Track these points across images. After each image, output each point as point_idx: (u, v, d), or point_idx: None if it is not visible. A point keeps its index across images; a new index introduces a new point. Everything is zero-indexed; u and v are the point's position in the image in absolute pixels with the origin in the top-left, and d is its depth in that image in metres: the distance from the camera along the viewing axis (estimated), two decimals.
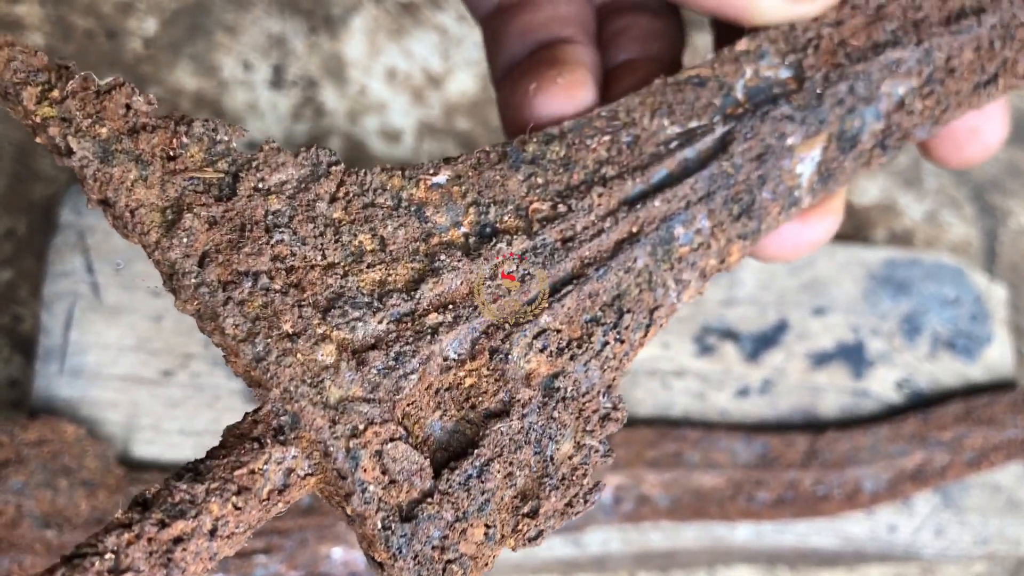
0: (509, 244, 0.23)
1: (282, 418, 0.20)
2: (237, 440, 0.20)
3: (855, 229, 0.55)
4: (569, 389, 0.23)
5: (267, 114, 0.50)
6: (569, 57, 0.27)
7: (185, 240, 0.21)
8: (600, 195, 0.24)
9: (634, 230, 0.24)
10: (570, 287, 0.23)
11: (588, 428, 0.23)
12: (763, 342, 0.45)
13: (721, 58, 0.26)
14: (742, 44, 0.27)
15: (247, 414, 0.20)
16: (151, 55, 0.49)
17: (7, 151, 0.47)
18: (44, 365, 0.38)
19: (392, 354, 0.21)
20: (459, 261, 0.22)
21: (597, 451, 0.22)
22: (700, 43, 0.50)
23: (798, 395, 0.45)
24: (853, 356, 0.46)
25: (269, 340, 0.20)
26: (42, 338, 0.38)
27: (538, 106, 0.26)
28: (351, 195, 0.23)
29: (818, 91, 0.26)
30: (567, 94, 0.26)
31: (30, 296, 0.44)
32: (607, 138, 0.25)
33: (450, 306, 0.22)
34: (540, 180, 0.24)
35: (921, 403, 0.46)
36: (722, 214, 0.25)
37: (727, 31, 0.29)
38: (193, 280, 0.21)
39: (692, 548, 0.42)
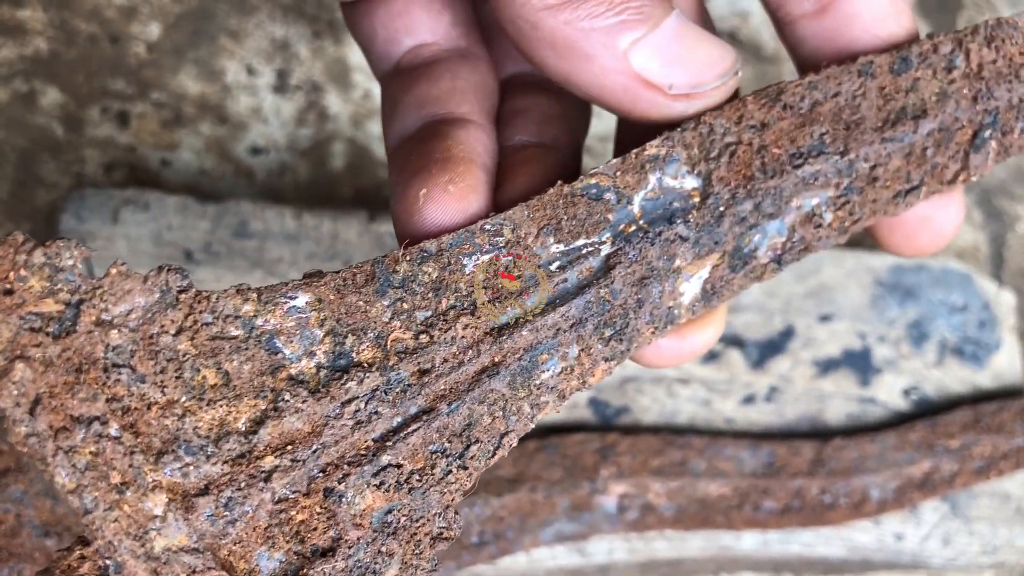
0: (360, 382, 0.22)
1: (107, 560, 0.20)
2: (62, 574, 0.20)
3: (862, 235, 0.54)
4: (403, 520, 0.22)
5: (271, 119, 0.50)
6: (462, 153, 0.26)
7: (15, 391, 0.20)
8: (466, 326, 0.23)
9: (496, 360, 0.23)
10: (418, 424, 0.22)
11: (418, 551, 0.22)
12: (769, 349, 0.45)
13: (626, 164, 0.24)
14: (652, 147, 0.24)
15: (75, 544, 0.20)
16: (154, 59, 0.49)
17: (10, 157, 0.47)
18: None
19: (223, 499, 0.21)
20: (303, 402, 0.22)
21: (424, 569, 0.22)
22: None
23: (804, 402, 0.44)
24: (860, 363, 0.46)
25: (97, 493, 0.20)
26: None
27: (428, 215, 0.24)
28: (199, 325, 0.21)
29: (720, 209, 0.25)
30: (458, 204, 0.25)
31: None
32: (486, 258, 0.24)
33: (289, 447, 0.21)
34: (406, 306, 0.23)
35: (929, 410, 0.46)
36: (591, 339, 0.24)
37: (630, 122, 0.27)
38: (23, 428, 0.20)
39: (698, 557, 0.42)
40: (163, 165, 0.48)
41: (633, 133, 0.28)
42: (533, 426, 0.24)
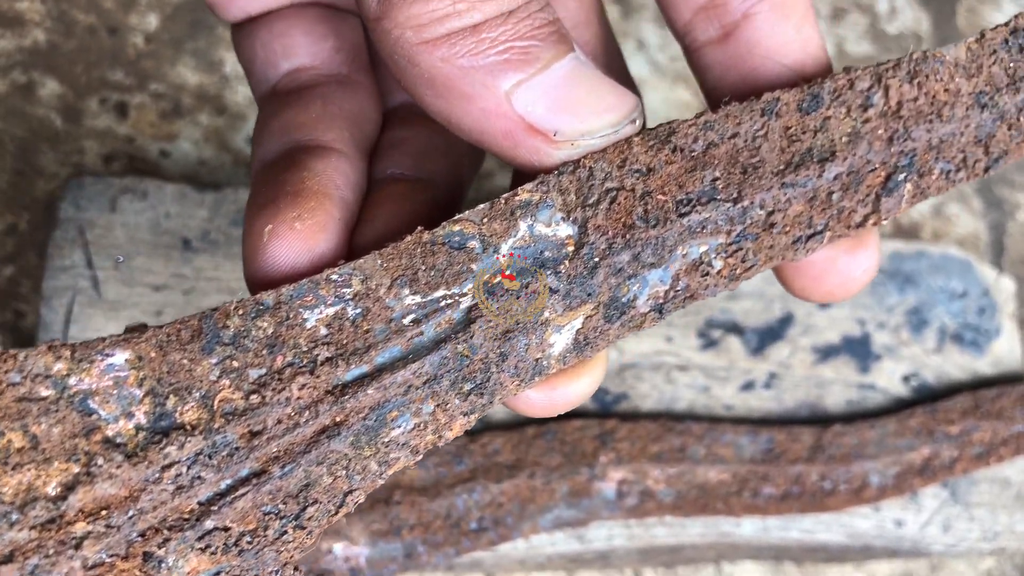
0: (181, 446, 0.21)
1: None
2: None
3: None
4: None
5: None
6: (315, 187, 0.24)
7: None
8: (303, 387, 0.21)
9: (338, 420, 0.22)
10: (247, 488, 0.21)
11: None
12: (768, 336, 0.45)
13: (494, 210, 0.23)
14: (525, 192, 0.23)
15: None
16: (153, 50, 0.49)
17: (9, 148, 0.47)
18: None
19: (28, 567, 0.20)
20: (118, 467, 0.20)
21: None
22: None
23: (804, 389, 0.44)
24: (859, 350, 0.45)
25: None
26: (42, 333, 0.38)
27: (272, 255, 0.23)
28: (4, 386, 0.20)
29: (595, 260, 0.23)
30: (304, 243, 0.23)
31: (32, 292, 0.44)
32: (331, 311, 0.22)
33: (103, 512, 0.20)
34: (237, 364, 0.21)
35: (928, 397, 0.45)
36: (448, 395, 0.23)
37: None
38: None
39: (697, 543, 0.42)
40: (162, 156, 0.48)
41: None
42: (383, 481, 0.23)
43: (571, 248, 0.23)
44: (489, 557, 0.40)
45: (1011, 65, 0.26)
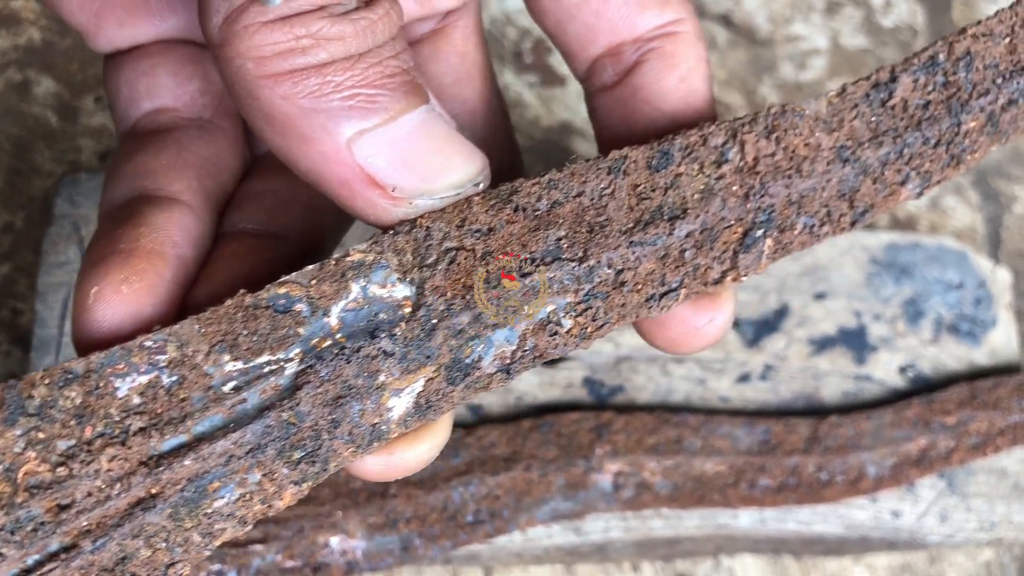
0: None
1: None
2: None
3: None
4: None
5: None
6: (150, 245, 0.23)
7: None
8: (113, 458, 0.20)
9: (154, 491, 0.21)
10: (55, 564, 0.20)
11: None
12: (764, 328, 0.45)
13: (324, 271, 0.22)
14: (357, 252, 0.22)
15: None
16: None
17: (5, 146, 0.47)
18: (39, 356, 0.38)
19: None
20: None
21: None
22: None
23: (800, 381, 0.44)
24: (855, 341, 0.45)
25: None
26: (37, 329, 0.38)
27: (97, 317, 0.22)
28: None
29: (433, 322, 0.22)
30: (130, 307, 0.22)
31: (28, 290, 0.44)
32: (144, 379, 0.21)
33: None
34: (43, 435, 0.20)
35: (925, 388, 0.45)
36: (275, 464, 0.22)
37: None
38: None
39: (695, 536, 0.42)
40: None
41: None
42: (210, 552, 0.22)
43: (408, 310, 0.22)
44: (486, 550, 0.40)
45: (873, 120, 0.26)
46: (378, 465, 0.23)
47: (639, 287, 0.24)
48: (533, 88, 0.54)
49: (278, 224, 0.26)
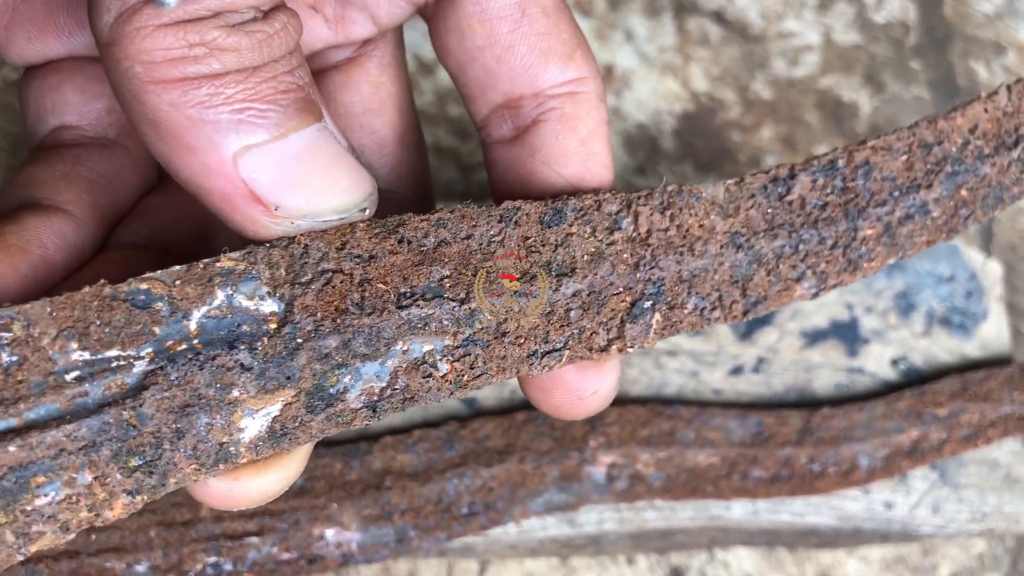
0: None
1: None
2: None
3: None
4: None
5: None
6: (12, 241, 0.23)
7: None
8: None
9: None
10: None
11: None
12: (756, 321, 0.45)
13: (190, 273, 0.21)
14: (228, 259, 0.21)
15: None
16: None
17: (1, 144, 0.47)
18: None
19: None
20: None
21: None
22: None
23: (792, 373, 0.45)
24: (847, 334, 0.46)
25: None
26: None
27: None
28: None
29: (298, 341, 0.22)
30: None
31: None
32: None
33: None
34: None
35: (917, 380, 0.46)
36: (109, 467, 0.21)
37: None
38: None
39: (688, 527, 0.42)
40: None
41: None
42: (22, 556, 0.20)
43: (273, 326, 0.21)
44: (481, 542, 0.40)
45: (769, 211, 0.26)
46: (220, 490, 0.22)
47: (521, 341, 0.24)
48: None
49: (165, 239, 0.26)
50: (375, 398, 0.22)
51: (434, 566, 0.42)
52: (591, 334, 0.25)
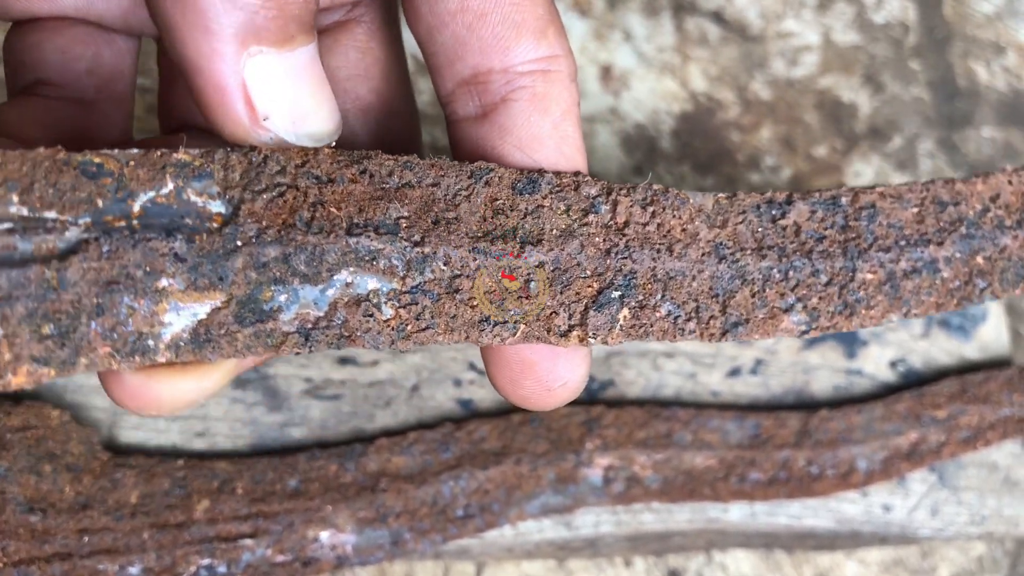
0: None
1: None
2: None
3: None
4: None
5: None
6: None
7: None
8: None
9: None
10: None
11: None
12: None
13: (146, 158, 0.21)
14: (187, 154, 0.21)
15: None
16: None
17: None
18: None
19: None
20: None
21: None
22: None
23: (790, 375, 0.44)
24: (846, 336, 0.45)
25: None
26: None
27: None
28: None
29: (237, 243, 0.21)
30: None
31: None
32: None
33: None
34: None
35: (916, 382, 0.45)
36: (20, 327, 0.20)
37: None
38: None
39: (685, 530, 0.42)
40: None
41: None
42: None
43: (215, 225, 0.21)
44: (477, 545, 0.40)
45: (759, 231, 0.25)
46: (133, 385, 0.22)
47: (472, 302, 0.23)
48: None
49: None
50: (310, 326, 0.22)
51: (430, 568, 0.42)
52: (551, 313, 0.24)
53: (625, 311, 0.24)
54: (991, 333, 0.47)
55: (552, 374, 0.25)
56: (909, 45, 0.59)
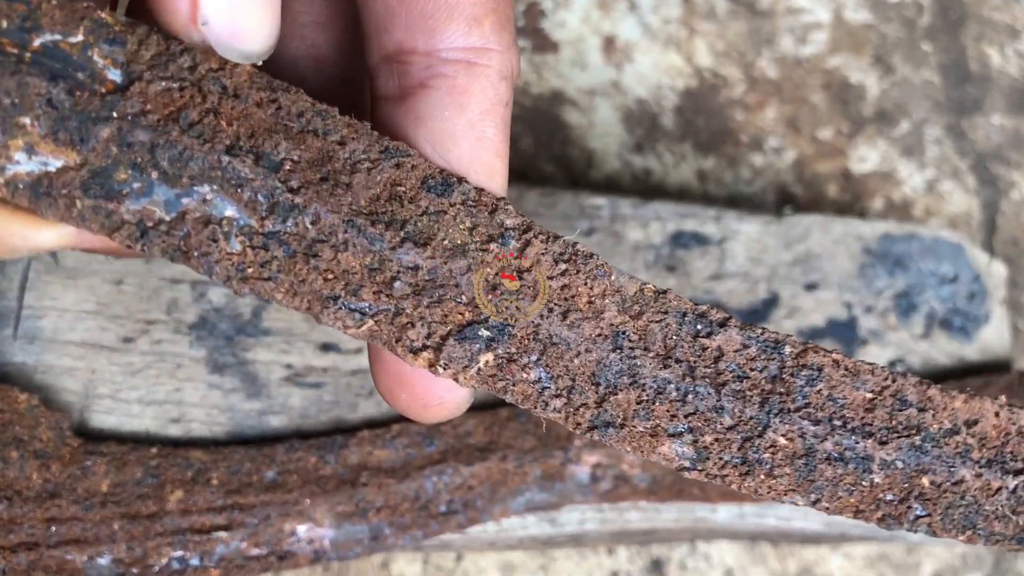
0: None
1: None
2: None
3: (853, 197, 0.53)
4: None
5: None
6: None
7: None
8: None
9: None
10: None
11: None
12: (752, 318, 0.43)
13: (74, 5, 0.21)
14: (111, 16, 0.21)
15: None
16: None
17: None
18: None
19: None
20: None
21: None
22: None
23: None
24: (845, 333, 0.44)
25: None
26: None
27: None
28: None
29: (113, 114, 0.21)
30: None
31: None
32: None
33: None
34: None
35: None
36: None
37: None
38: None
39: (672, 528, 0.41)
40: None
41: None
42: None
43: (103, 90, 0.21)
44: (459, 539, 0.39)
45: (674, 339, 0.23)
46: None
47: (328, 275, 0.22)
48: (524, 53, 0.52)
49: None
50: (150, 224, 0.21)
51: (409, 557, 0.41)
52: (408, 323, 0.22)
53: (489, 356, 0.23)
54: (993, 335, 0.46)
55: (429, 391, 0.24)
56: (922, 25, 0.57)
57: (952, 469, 0.24)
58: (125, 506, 0.34)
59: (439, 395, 0.24)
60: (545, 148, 0.50)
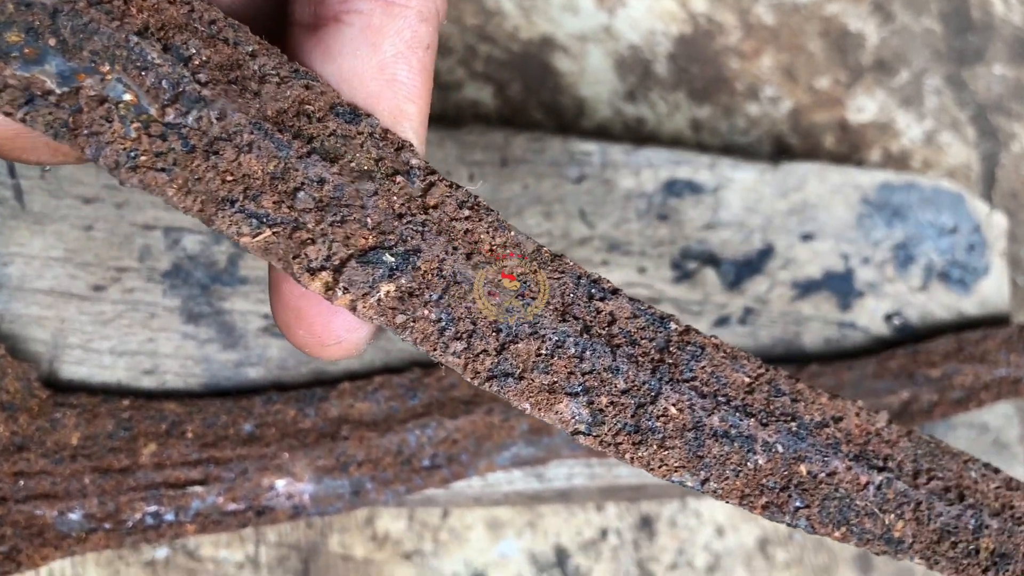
0: None
1: None
2: None
3: (850, 148, 0.51)
4: None
5: None
6: None
7: None
8: None
9: None
10: None
11: None
12: (746, 269, 0.42)
13: None
14: None
15: None
16: None
17: None
18: None
19: None
20: None
21: None
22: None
23: (781, 326, 0.42)
24: (841, 285, 0.43)
25: None
26: None
27: None
28: None
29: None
30: None
31: None
32: None
33: None
34: None
35: (911, 337, 0.43)
36: None
37: None
38: None
39: (661, 483, 0.40)
40: None
41: None
42: None
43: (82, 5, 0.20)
44: (443, 494, 0.38)
45: (571, 296, 0.23)
46: None
47: (227, 177, 0.21)
48: None
49: None
50: (39, 93, 0.20)
51: (394, 508, 0.40)
52: (307, 239, 0.21)
53: (391, 286, 0.22)
54: (992, 287, 0.45)
55: (327, 330, 0.23)
56: None
57: (826, 459, 0.24)
58: (96, 460, 0.33)
59: (338, 334, 0.23)
60: (534, 95, 0.48)
